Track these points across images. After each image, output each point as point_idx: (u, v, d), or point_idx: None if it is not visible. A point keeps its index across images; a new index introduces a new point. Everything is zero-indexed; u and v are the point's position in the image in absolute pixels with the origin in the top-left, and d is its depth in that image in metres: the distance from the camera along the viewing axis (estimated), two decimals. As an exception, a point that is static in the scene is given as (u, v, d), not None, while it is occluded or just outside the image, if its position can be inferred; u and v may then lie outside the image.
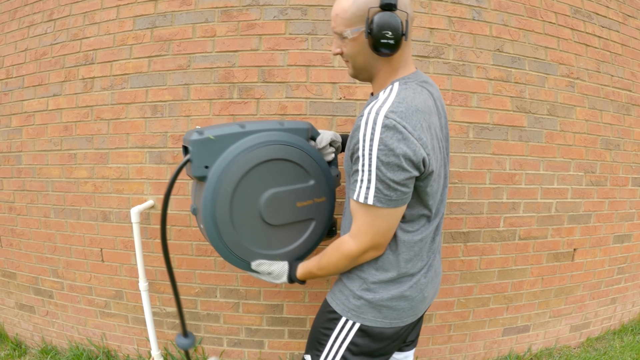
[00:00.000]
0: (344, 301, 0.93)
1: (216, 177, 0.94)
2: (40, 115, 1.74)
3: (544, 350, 1.94)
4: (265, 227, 1.01)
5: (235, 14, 1.51)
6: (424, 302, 0.96)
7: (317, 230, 1.08)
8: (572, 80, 1.72)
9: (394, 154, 0.72)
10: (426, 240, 0.91)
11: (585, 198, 1.83)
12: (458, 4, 1.54)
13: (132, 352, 1.83)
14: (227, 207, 0.96)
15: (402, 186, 0.76)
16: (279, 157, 0.98)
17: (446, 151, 0.93)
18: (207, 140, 0.93)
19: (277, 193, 0.99)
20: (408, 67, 0.86)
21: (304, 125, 1.05)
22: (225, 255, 1.01)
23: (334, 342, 0.94)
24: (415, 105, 0.76)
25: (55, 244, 1.81)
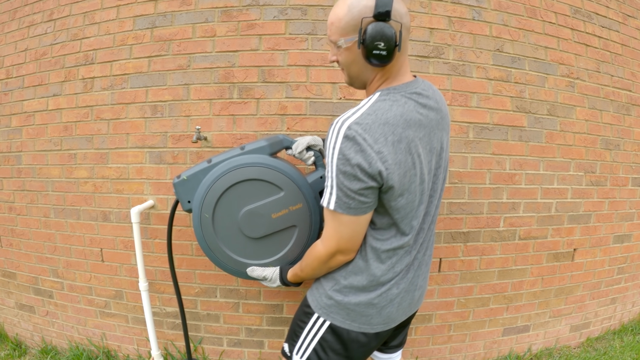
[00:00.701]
0: (317, 298, 0.97)
1: (197, 208, 1.12)
2: (40, 115, 1.74)
3: (544, 350, 1.94)
4: (250, 241, 1.14)
5: (235, 14, 1.51)
6: (396, 314, 0.94)
7: (302, 235, 1.14)
8: (572, 80, 1.72)
9: (349, 164, 0.74)
10: (400, 253, 0.89)
11: (585, 198, 1.83)
12: (458, 4, 1.54)
13: (132, 352, 1.83)
14: (211, 230, 1.13)
15: (359, 195, 0.77)
16: (243, 178, 1.10)
17: (436, 165, 0.89)
18: (183, 181, 1.15)
19: (250, 210, 1.11)
20: (401, 77, 0.84)
21: (262, 142, 1.14)
22: (225, 269, 1.18)
23: (307, 335, 0.99)
24: (384, 118, 0.75)
25: (55, 244, 1.81)
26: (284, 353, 1.08)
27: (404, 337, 1.15)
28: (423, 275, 0.98)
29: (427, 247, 0.96)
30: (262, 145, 1.14)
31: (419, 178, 0.82)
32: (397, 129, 0.76)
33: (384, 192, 0.79)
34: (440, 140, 0.88)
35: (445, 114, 0.89)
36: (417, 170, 0.81)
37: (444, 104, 0.90)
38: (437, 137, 0.86)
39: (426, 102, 0.83)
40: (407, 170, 0.78)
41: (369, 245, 0.88)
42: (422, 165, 0.82)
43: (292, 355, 1.04)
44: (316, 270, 0.93)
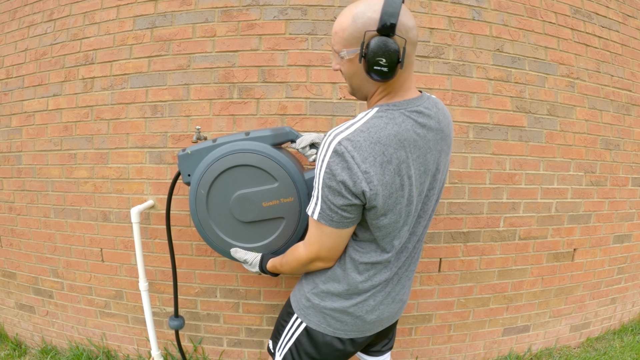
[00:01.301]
0: (298, 299, 0.99)
1: (195, 183, 1.16)
2: (40, 115, 1.74)
3: (544, 350, 1.94)
4: (238, 224, 1.18)
5: (235, 14, 1.51)
6: (373, 324, 0.94)
7: (288, 228, 1.17)
8: (572, 80, 1.72)
9: (335, 180, 0.74)
10: (378, 267, 0.88)
11: (585, 198, 1.83)
12: (458, 4, 1.54)
13: (132, 352, 1.83)
14: (204, 206, 1.17)
15: (342, 210, 0.77)
16: (242, 163, 1.13)
17: (430, 186, 0.86)
18: (187, 155, 1.19)
19: (243, 194, 1.14)
20: (404, 92, 0.80)
21: (267, 132, 1.17)
22: (212, 245, 1.22)
23: (286, 334, 1.02)
24: (377, 137, 0.73)
25: (55, 244, 1.81)
26: (269, 349, 1.11)
27: (389, 343, 1.15)
28: (404, 289, 0.98)
29: (410, 262, 0.95)
30: (267, 134, 1.16)
31: (406, 200, 0.80)
32: (388, 149, 0.74)
33: (367, 210, 0.79)
34: (437, 161, 0.85)
35: (447, 135, 0.86)
36: (404, 192, 0.78)
37: (447, 124, 0.86)
38: (434, 158, 0.83)
39: (426, 122, 0.80)
40: (394, 192, 0.77)
41: (348, 255, 0.88)
42: (411, 187, 0.79)
43: (275, 352, 1.06)
44: (294, 269, 0.96)
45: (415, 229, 0.90)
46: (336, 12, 1.50)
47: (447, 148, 0.88)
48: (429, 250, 1.65)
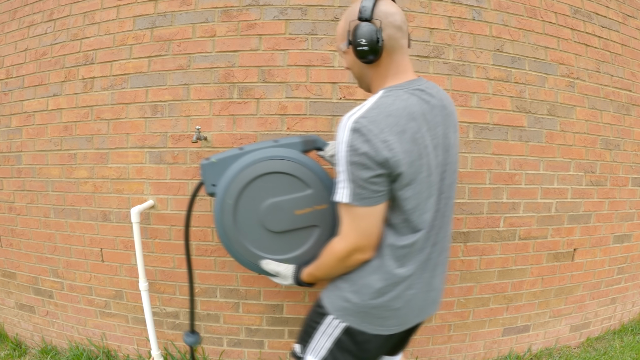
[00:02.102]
0: (333, 300, 0.97)
1: (221, 193, 1.10)
2: (40, 115, 1.74)
3: (544, 350, 1.94)
4: (269, 234, 1.11)
5: (235, 14, 1.51)
6: (412, 315, 0.95)
7: (323, 237, 1.12)
8: (572, 80, 1.72)
9: (357, 154, 0.78)
10: (413, 251, 0.89)
11: (585, 198, 1.83)
12: (458, 4, 1.54)
13: (132, 352, 1.83)
14: (231, 217, 1.10)
15: (370, 184, 0.79)
16: (273, 170, 1.09)
17: (444, 161, 0.90)
18: (211, 163, 1.12)
19: (275, 203, 1.09)
20: (401, 75, 0.87)
21: (296, 139, 1.15)
22: (238, 259, 1.15)
23: (321, 335, 0.99)
24: (388, 111, 0.79)
25: (55, 244, 1.81)
26: (295, 354, 1.07)
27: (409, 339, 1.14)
28: (439, 276, 0.98)
29: (442, 248, 0.96)
30: (296, 141, 1.14)
31: (425, 170, 0.84)
32: (400, 120, 0.79)
33: (393, 181, 0.81)
34: (446, 136, 0.89)
35: (451, 112, 0.91)
36: (423, 162, 0.83)
37: (449, 102, 0.92)
38: (443, 132, 0.87)
39: (429, 99, 0.86)
40: (414, 160, 0.81)
41: (384, 242, 0.88)
42: (428, 157, 0.84)
43: (305, 356, 1.03)
44: (333, 269, 0.93)
45: (438, 205, 0.91)
46: (336, 12, 1.50)
47: (454, 126, 0.92)
48: (429, 250, 1.65)
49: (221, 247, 1.63)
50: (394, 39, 0.84)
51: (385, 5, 0.84)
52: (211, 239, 1.63)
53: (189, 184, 1.60)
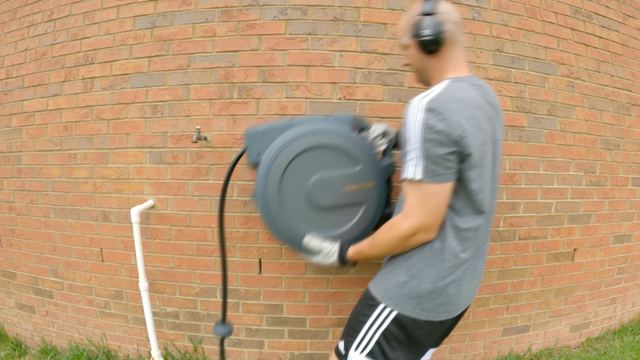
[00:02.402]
0: (386, 288, 0.98)
1: (266, 163, 1.07)
2: (40, 115, 1.74)
3: (544, 350, 1.94)
4: (314, 209, 1.10)
5: (235, 14, 1.51)
6: (462, 301, 0.97)
7: (367, 214, 1.13)
8: (572, 80, 1.72)
9: (434, 131, 0.81)
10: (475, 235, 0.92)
11: (585, 198, 1.83)
12: (458, 4, 1.54)
13: (132, 352, 1.83)
14: (276, 190, 1.07)
15: (444, 160, 0.83)
16: (323, 144, 1.08)
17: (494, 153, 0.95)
18: (258, 132, 1.11)
19: (323, 177, 1.09)
20: (459, 69, 0.94)
21: (347, 117, 1.15)
22: (279, 235, 1.13)
23: (369, 327, 0.99)
24: (457, 97, 0.84)
25: (55, 244, 1.81)
26: (338, 352, 1.07)
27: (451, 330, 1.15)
28: (481, 266, 1.01)
29: (487, 238, 0.99)
30: (347, 118, 1.14)
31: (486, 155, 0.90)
32: (468, 107, 0.84)
33: (462, 161, 0.85)
34: (495, 130, 0.94)
35: (499, 111, 0.97)
36: (486, 148, 0.89)
37: (498, 101, 0.98)
38: (492, 126, 0.92)
39: (485, 94, 0.92)
40: (480, 145, 0.86)
41: (448, 223, 0.90)
42: (487, 145, 0.89)
43: (349, 352, 1.02)
44: (392, 248, 0.94)
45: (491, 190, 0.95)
46: (336, 12, 1.50)
47: (500, 123, 0.98)
48: (429, 250, 1.65)
49: (221, 247, 1.63)
50: (453, 33, 0.92)
51: (444, 4, 0.93)
52: (211, 239, 1.63)
53: (189, 184, 1.60)
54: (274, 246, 1.62)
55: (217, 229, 1.13)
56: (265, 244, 1.62)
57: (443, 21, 0.90)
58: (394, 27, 1.52)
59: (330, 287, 1.65)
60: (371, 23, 1.51)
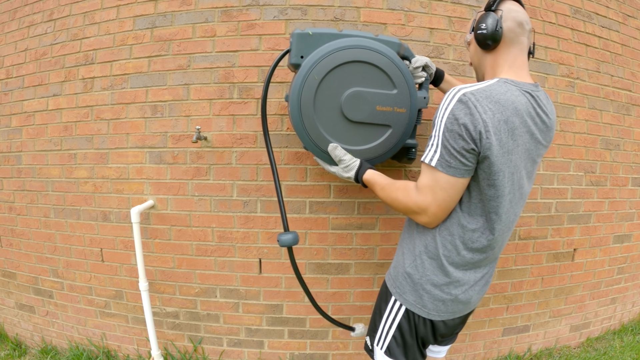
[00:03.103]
0: (394, 276, 1.00)
1: (308, 66, 1.08)
2: (40, 115, 1.74)
3: (544, 350, 1.94)
4: (343, 121, 1.13)
5: (235, 14, 1.51)
6: (466, 304, 0.96)
7: (392, 138, 1.15)
8: (572, 80, 1.72)
9: (457, 123, 0.80)
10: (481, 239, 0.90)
11: (585, 198, 1.83)
12: (458, 4, 1.54)
13: (132, 352, 1.83)
14: (312, 94, 1.09)
15: (460, 155, 0.81)
16: (367, 60, 1.09)
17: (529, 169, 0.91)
18: (306, 35, 1.11)
19: (360, 92, 1.10)
20: (516, 70, 0.89)
21: (396, 40, 1.15)
22: (304, 139, 1.14)
23: (385, 321, 1.01)
24: (497, 98, 0.80)
25: (55, 244, 1.81)
26: (367, 347, 1.10)
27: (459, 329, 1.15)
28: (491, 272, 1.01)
29: (502, 243, 0.97)
30: (395, 41, 1.14)
31: (513, 165, 0.84)
32: (506, 111, 0.80)
33: (480, 162, 0.82)
34: (538, 150, 0.90)
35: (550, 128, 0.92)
36: (513, 157, 0.83)
37: (554, 121, 0.93)
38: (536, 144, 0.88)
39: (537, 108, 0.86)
40: (507, 152, 0.81)
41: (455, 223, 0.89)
42: (519, 156, 0.85)
43: (374, 347, 1.05)
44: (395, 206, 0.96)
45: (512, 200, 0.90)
46: (336, 12, 1.50)
47: (547, 144, 0.93)
48: (429, 250, 1.65)
49: (221, 247, 1.63)
50: (513, 32, 0.89)
51: (511, 3, 0.91)
52: (211, 239, 1.63)
53: (189, 184, 1.60)
54: (274, 246, 1.62)
55: (264, 137, 1.20)
56: (265, 244, 1.62)
57: (504, 18, 0.89)
58: (394, 27, 1.52)
59: (330, 287, 1.65)
60: (371, 23, 1.51)
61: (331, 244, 1.61)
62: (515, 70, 0.89)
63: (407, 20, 1.52)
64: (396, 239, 1.62)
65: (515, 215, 0.93)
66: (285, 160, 1.55)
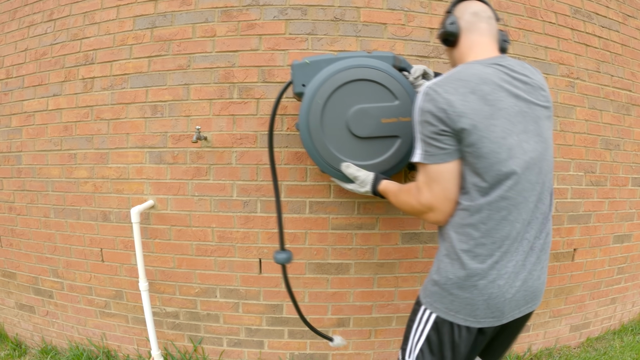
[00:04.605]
0: (424, 287, 1.00)
1: (311, 93, 1.15)
2: (40, 115, 1.74)
3: (543, 350, 1.94)
4: (352, 139, 1.18)
5: (235, 14, 1.51)
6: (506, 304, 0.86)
7: (403, 147, 1.19)
8: (572, 80, 1.72)
9: (422, 112, 0.86)
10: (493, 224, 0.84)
11: (585, 198, 1.83)
12: (458, 4, 1.54)
13: (132, 352, 1.83)
14: (319, 118, 1.16)
15: (434, 140, 0.85)
16: (365, 77, 1.15)
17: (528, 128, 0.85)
18: (304, 64, 1.18)
19: (363, 108, 1.16)
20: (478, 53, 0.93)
21: (389, 54, 1.21)
22: (318, 161, 1.20)
23: (414, 333, 0.98)
24: (457, 77, 0.85)
25: (55, 244, 1.81)
26: None
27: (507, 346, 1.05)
28: (541, 263, 0.90)
29: (541, 230, 0.89)
30: (389, 55, 1.20)
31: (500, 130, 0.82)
32: (469, 83, 0.83)
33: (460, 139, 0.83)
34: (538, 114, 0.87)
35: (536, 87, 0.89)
36: (497, 122, 0.82)
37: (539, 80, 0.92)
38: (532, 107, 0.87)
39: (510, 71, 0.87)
40: (483, 119, 0.82)
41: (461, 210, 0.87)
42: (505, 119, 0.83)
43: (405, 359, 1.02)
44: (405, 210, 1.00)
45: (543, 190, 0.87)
46: (336, 12, 1.50)
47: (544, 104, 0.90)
48: (429, 251, 1.65)
49: (221, 247, 1.63)
50: (467, 22, 0.96)
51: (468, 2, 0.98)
52: (211, 239, 1.63)
53: (189, 184, 1.60)
54: (274, 246, 1.62)
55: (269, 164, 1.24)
56: (265, 244, 1.62)
57: (457, 13, 0.96)
58: (394, 27, 1.52)
59: (330, 287, 1.65)
60: (371, 23, 1.51)
61: (331, 244, 1.61)
62: (477, 51, 0.94)
63: (407, 20, 1.52)
64: (396, 239, 1.62)
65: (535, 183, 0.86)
66: (285, 160, 1.55)
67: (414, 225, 1.62)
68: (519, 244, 0.86)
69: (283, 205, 1.58)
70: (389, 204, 1.59)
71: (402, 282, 1.67)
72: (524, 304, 0.90)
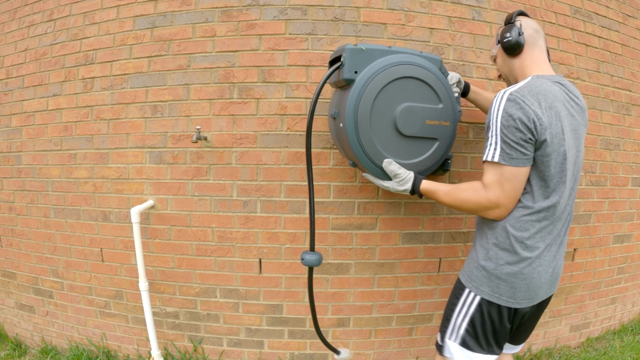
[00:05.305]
0: (469, 272, 1.07)
1: (363, 81, 1.12)
2: (40, 115, 1.74)
3: (543, 350, 1.94)
4: (397, 136, 1.17)
5: (235, 14, 1.51)
6: (540, 287, 1.01)
7: (439, 151, 1.22)
8: (572, 80, 1.72)
9: (512, 119, 0.91)
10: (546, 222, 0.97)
11: (585, 198, 1.83)
12: (458, 4, 1.54)
13: (132, 352, 1.83)
14: (369, 109, 1.13)
15: (519, 146, 0.91)
16: (417, 76, 1.15)
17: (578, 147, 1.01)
18: (359, 50, 1.13)
19: (412, 107, 1.16)
20: (542, 68, 1.03)
21: (437, 57, 1.22)
22: (359, 154, 1.16)
23: (458, 314, 1.08)
24: (537, 90, 0.93)
25: (55, 244, 1.81)
26: (437, 344, 1.16)
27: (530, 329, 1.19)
28: (561, 256, 1.06)
29: (566, 228, 1.05)
30: (437, 58, 1.22)
31: (565, 145, 0.94)
32: (547, 98, 0.93)
33: (537, 148, 0.92)
34: (578, 128, 1.00)
35: (584, 109, 1.03)
36: (565, 137, 0.94)
37: (584, 103, 1.04)
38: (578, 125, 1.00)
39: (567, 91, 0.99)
40: (557, 134, 0.93)
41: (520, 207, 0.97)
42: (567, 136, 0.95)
43: (445, 341, 1.11)
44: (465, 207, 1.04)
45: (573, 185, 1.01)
46: (336, 12, 1.50)
47: (585, 121, 1.04)
48: (429, 250, 1.65)
49: (221, 247, 1.63)
50: (532, 37, 1.04)
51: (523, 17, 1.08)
52: (211, 239, 1.63)
53: (189, 184, 1.60)
54: (274, 246, 1.62)
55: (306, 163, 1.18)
56: (265, 244, 1.62)
57: (523, 27, 1.04)
58: (394, 27, 1.52)
59: (330, 287, 1.65)
60: (371, 23, 1.51)
61: (331, 244, 1.61)
62: (541, 67, 1.03)
63: (407, 20, 1.52)
64: (396, 239, 1.62)
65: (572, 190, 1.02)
66: (285, 160, 1.56)
67: (414, 226, 1.63)
68: (557, 238, 1.02)
69: (283, 205, 1.58)
70: (389, 204, 1.59)
71: (402, 282, 1.67)
72: (549, 287, 1.05)
